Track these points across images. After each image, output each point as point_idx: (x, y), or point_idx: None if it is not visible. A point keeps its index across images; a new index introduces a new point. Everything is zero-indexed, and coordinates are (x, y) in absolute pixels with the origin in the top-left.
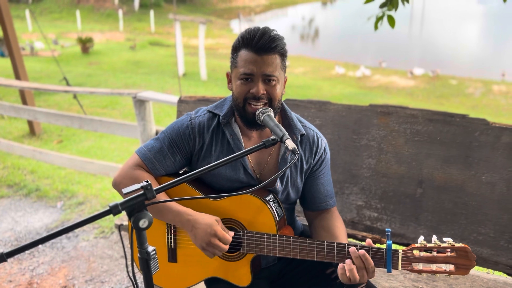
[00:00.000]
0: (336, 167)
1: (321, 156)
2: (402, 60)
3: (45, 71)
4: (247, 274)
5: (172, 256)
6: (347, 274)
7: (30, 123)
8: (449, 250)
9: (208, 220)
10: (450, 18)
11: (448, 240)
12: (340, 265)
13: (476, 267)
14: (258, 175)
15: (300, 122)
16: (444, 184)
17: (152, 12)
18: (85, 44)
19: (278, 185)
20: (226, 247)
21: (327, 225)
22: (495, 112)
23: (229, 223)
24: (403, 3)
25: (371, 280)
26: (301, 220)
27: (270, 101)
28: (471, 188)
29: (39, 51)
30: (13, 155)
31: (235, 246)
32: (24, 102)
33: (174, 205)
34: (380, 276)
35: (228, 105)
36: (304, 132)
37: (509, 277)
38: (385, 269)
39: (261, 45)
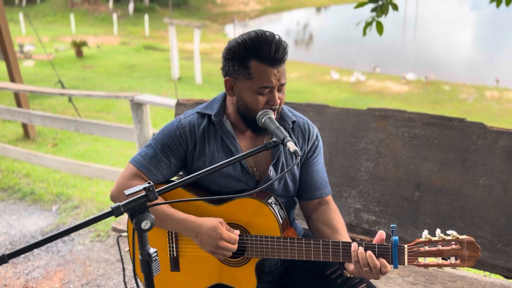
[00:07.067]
0: (334, 170)
1: (314, 143)
2: (396, 66)
3: (39, 74)
4: (252, 279)
5: (175, 265)
6: (352, 269)
7: (24, 126)
8: (453, 242)
9: (212, 223)
10: (443, 23)
11: (452, 233)
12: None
13: (473, 270)
14: (255, 169)
15: (290, 111)
16: (441, 187)
17: (146, 16)
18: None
19: (272, 172)
20: (235, 246)
21: (326, 219)
22: (488, 117)
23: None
24: (393, 10)
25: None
26: (301, 223)
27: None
28: (468, 191)
29: (32, 54)
30: (8, 158)
31: (239, 251)
32: (19, 105)
33: (176, 213)
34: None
35: (218, 104)
36: (295, 119)
37: (506, 279)
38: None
39: (277, 58)
